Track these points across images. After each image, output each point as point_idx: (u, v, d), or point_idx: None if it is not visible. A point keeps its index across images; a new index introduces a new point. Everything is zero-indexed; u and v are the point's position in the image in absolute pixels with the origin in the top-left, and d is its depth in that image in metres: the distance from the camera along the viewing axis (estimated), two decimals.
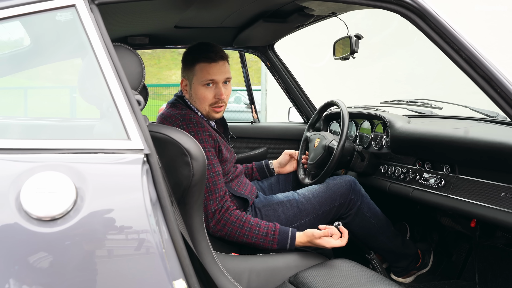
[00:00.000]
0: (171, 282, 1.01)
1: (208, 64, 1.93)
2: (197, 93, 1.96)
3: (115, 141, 1.07)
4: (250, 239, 1.83)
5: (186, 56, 1.99)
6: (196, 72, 1.95)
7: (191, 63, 1.96)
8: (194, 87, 1.96)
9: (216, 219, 1.82)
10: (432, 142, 1.95)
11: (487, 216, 1.69)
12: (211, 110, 1.99)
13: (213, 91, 1.96)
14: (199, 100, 1.97)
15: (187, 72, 1.98)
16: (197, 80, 1.95)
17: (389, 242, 2.22)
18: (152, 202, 1.02)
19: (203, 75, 1.94)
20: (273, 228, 1.83)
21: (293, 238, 1.83)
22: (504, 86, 1.34)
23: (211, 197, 1.81)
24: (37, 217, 0.95)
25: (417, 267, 2.33)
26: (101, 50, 1.11)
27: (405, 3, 1.37)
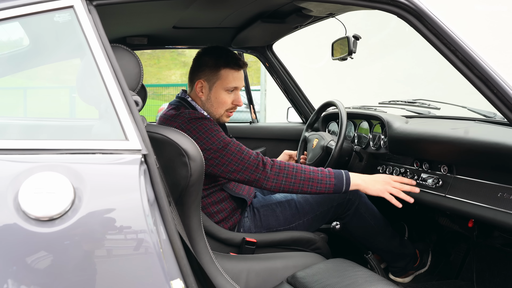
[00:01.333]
0: (168, 282, 1.02)
1: (235, 71, 1.97)
2: (217, 97, 1.98)
3: (113, 141, 1.08)
4: (308, 174, 1.82)
5: (206, 59, 1.98)
6: (221, 77, 1.96)
7: (215, 67, 1.96)
8: (216, 91, 1.97)
9: (267, 167, 1.82)
10: (429, 143, 1.96)
11: (485, 216, 1.69)
12: (224, 115, 2.02)
13: (232, 97, 2.00)
14: (217, 104, 1.99)
15: (208, 75, 1.97)
16: (221, 85, 1.96)
17: (387, 242, 2.23)
18: (149, 202, 1.03)
19: (229, 81, 1.96)
20: (323, 168, 1.87)
21: (347, 174, 1.86)
22: (501, 87, 1.35)
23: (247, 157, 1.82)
24: (35, 217, 0.96)
25: (415, 267, 2.34)
26: (99, 51, 1.12)
27: (401, 4, 1.38)
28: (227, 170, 1.82)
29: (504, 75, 1.38)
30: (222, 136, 1.84)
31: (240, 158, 1.82)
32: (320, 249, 2.03)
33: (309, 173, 1.83)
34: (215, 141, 1.82)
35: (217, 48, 2.01)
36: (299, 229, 2.05)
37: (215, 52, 1.99)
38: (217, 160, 1.82)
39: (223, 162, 1.82)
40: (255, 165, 1.81)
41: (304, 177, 1.82)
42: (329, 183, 1.83)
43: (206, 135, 1.82)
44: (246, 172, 1.81)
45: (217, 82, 1.97)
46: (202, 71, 1.99)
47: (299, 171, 1.83)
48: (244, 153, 1.83)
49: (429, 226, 2.50)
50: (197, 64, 2.01)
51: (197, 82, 2.00)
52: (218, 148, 1.81)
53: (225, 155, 1.81)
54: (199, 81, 1.99)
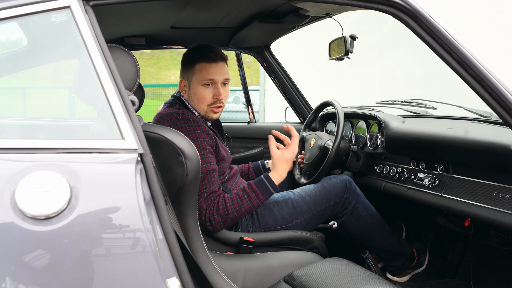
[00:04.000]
0: (164, 280, 1.02)
1: (208, 64, 1.94)
2: (195, 93, 1.97)
3: (109, 141, 1.08)
4: (239, 209, 1.84)
5: (186, 57, 2.00)
6: (195, 72, 1.96)
7: (191, 63, 1.97)
8: (193, 87, 1.97)
9: (207, 215, 1.83)
10: (426, 142, 1.97)
11: (481, 215, 1.70)
12: (209, 111, 2.00)
13: (211, 91, 1.97)
14: (197, 99, 1.98)
15: (186, 72, 1.99)
16: (196, 80, 1.96)
17: (384, 241, 2.23)
18: (145, 201, 1.04)
19: (203, 75, 1.95)
20: (248, 186, 1.87)
21: (268, 179, 1.89)
22: (496, 87, 1.35)
23: (204, 194, 1.83)
24: (32, 216, 0.96)
25: (413, 266, 2.34)
26: (95, 51, 1.13)
27: (397, 4, 1.38)
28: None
29: (501, 75, 1.38)
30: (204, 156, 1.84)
31: (205, 179, 1.82)
32: (318, 249, 2.03)
33: (240, 207, 1.85)
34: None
35: (197, 46, 2.01)
36: (296, 228, 2.06)
37: (193, 50, 2.00)
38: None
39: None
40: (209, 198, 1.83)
41: (238, 214, 1.85)
42: (260, 201, 1.87)
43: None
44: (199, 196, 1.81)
45: (193, 77, 1.97)
46: (183, 70, 2.02)
47: (231, 210, 1.84)
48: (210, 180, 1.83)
49: (426, 225, 2.51)
50: (182, 64, 2.04)
51: (180, 81, 2.03)
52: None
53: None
54: (181, 80, 2.02)
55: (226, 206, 1.83)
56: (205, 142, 1.86)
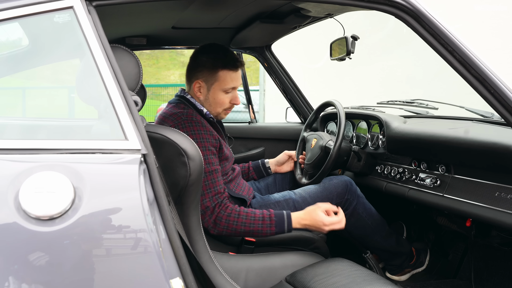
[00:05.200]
0: (168, 280, 1.03)
1: (232, 72, 1.96)
2: (216, 98, 1.98)
3: (112, 141, 1.08)
4: (248, 226, 1.81)
5: (204, 59, 1.96)
6: (218, 79, 1.95)
7: (212, 68, 1.95)
8: (213, 92, 1.97)
9: (213, 216, 1.81)
10: (427, 142, 1.97)
11: (482, 216, 1.70)
12: (222, 113, 2.03)
13: (230, 97, 1.99)
14: (215, 104, 1.99)
15: (206, 76, 1.96)
16: (219, 86, 1.96)
17: (383, 241, 2.24)
18: (149, 202, 1.04)
19: (227, 83, 1.96)
20: (268, 212, 1.84)
21: (289, 218, 1.84)
22: (498, 87, 1.35)
23: (209, 194, 1.81)
24: (35, 217, 0.96)
25: (412, 265, 2.35)
26: (98, 51, 1.13)
27: (399, 4, 1.38)
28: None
29: (502, 75, 1.39)
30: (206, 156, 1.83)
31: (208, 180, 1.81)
32: (319, 249, 2.03)
33: (249, 225, 1.82)
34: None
35: (214, 47, 2.00)
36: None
37: (212, 52, 1.98)
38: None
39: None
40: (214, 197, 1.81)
41: (244, 230, 1.81)
42: (270, 231, 1.83)
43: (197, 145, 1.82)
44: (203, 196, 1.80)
45: (215, 83, 1.96)
46: (200, 71, 1.98)
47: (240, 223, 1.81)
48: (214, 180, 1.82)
49: (427, 225, 2.51)
50: (195, 63, 2.00)
51: (195, 82, 1.99)
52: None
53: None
54: (197, 81, 1.98)
55: (238, 217, 1.81)
56: (208, 142, 1.86)
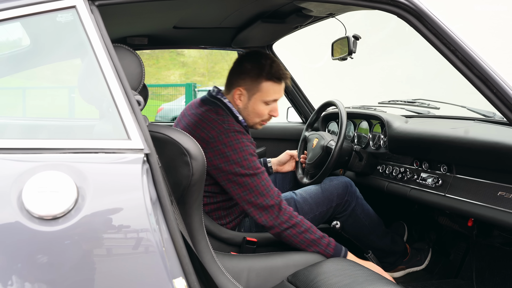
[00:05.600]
0: (171, 280, 1.02)
1: (277, 85, 1.93)
2: (255, 108, 1.95)
3: (115, 141, 1.08)
4: (313, 234, 1.82)
5: (248, 67, 1.93)
6: (261, 90, 1.92)
7: (256, 78, 1.91)
8: (254, 102, 1.94)
9: (280, 212, 1.80)
10: (429, 142, 1.97)
11: (484, 215, 1.70)
12: (258, 124, 2.01)
13: (269, 108, 1.97)
14: (254, 114, 1.96)
15: (249, 85, 1.92)
16: (261, 97, 1.93)
17: (379, 241, 2.26)
18: (152, 201, 1.04)
19: (269, 95, 1.93)
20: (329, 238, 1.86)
21: (345, 254, 1.87)
22: (500, 87, 1.36)
23: (269, 193, 1.80)
24: (38, 216, 0.96)
25: (405, 262, 2.36)
26: (101, 51, 1.13)
27: (402, 4, 1.39)
28: (243, 198, 1.81)
29: (503, 75, 1.39)
30: (254, 162, 1.82)
31: (261, 193, 1.79)
32: None
33: (315, 234, 1.83)
34: (246, 165, 1.79)
35: (260, 56, 1.95)
36: None
37: (257, 61, 1.92)
38: (239, 186, 1.80)
39: (244, 190, 1.80)
40: (271, 207, 1.80)
41: (308, 238, 1.82)
42: (327, 252, 1.84)
43: (240, 155, 1.80)
44: (260, 210, 1.80)
45: (257, 93, 1.93)
46: (242, 79, 1.93)
47: (306, 230, 1.82)
48: (267, 189, 1.80)
49: (429, 225, 2.51)
50: (238, 69, 1.96)
51: (236, 89, 1.94)
52: (246, 174, 1.79)
53: (249, 184, 1.80)
54: (239, 88, 1.94)
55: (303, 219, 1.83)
56: (252, 149, 1.85)
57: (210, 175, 1.87)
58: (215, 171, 1.84)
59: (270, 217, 1.80)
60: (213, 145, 1.81)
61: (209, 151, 1.82)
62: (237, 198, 1.83)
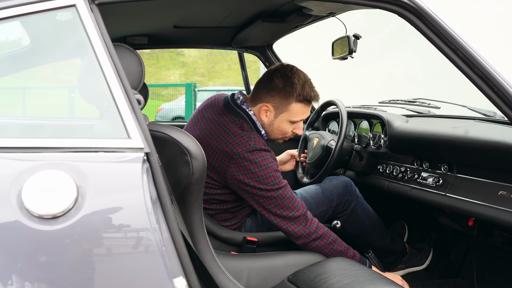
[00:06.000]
0: (171, 279, 1.02)
1: (305, 106, 1.91)
2: (280, 126, 1.93)
3: (115, 139, 1.08)
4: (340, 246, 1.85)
5: (280, 84, 1.88)
6: (290, 109, 1.89)
7: (286, 98, 1.87)
8: (280, 120, 1.92)
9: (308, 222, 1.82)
10: (430, 141, 1.97)
11: (485, 215, 1.70)
12: (280, 139, 2.00)
13: (294, 126, 1.95)
14: (278, 131, 1.95)
15: (278, 103, 1.89)
16: (288, 117, 1.91)
17: (379, 240, 2.27)
18: (152, 201, 1.03)
19: (298, 116, 1.91)
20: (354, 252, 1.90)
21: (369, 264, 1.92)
22: (501, 86, 1.35)
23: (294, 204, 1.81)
24: (38, 215, 0.96)
25: (405, 261, 2.37)
26: (101, 50, 1.12)
27: (403, 3, 1.38)
28: (270, 211, 1.81)
29: (504, 74, 1.39)
30: (279, 178, 1.81)
31: (287, 205, 1.80)
32: None
33: (342, 245, 1.85)
34: (271, 182, 1.79)
35: (292, 73, 1.89)
36: None
37: (289, 80, 1.87)
38: (264, 199, 1.80)
39: (269, 203, 1.80)
40: (298, 218, 1.80)
41: (336, 249, 1.83)
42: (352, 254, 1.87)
43: (265, 173, 1.78)
44: (287, 220, 1.80)
45: (285, 113, 1.90)
46: (272, 96, 1.89)
47: (334, 242, 1.83)
48: (292, 201, 1.81)
49: (430, 225, 2.51)
50: (268, 84, 1.91)
51: (263, 104, 1.91)
52: (271, 189, 1.79)
53: (275, 198, 1.79)
54: (266, 104, 1.90)
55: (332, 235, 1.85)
56: (276, 165, 1.84)
57: (229, 188, 1.87)
58: (239, 184, 1.82)
59: (298, 227, 1.80)
60: (237, 161, 1.79)
61: (233, 165, 1.80)
62: (263, 210, 1.83)
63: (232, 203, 1.95)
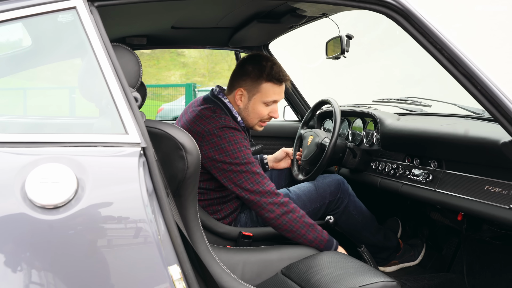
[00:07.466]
0: (166, 267, 1.08)
1: (276, 86, 2.00)
2: (255, 109, 2.02)
3: (113, 135, 1.14)
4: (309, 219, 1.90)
5: (250, 68, 2.00)
6: (261, 90, 1.99)
7: (257, 79, 1.98)
8: (254, 102, 2.01)
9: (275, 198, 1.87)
10: (419, 139, 2.02)
11: (472, 209, 1.75)
12: (257, 125, 2.08)
13: (269, 109, 2.03)
14: (254, 114, 2.03)
15: (249, 86, 2.00)
16: (261, 98, 2.00)
17: (372, 236, 2.32)
18: (148, 193, 1.09)
19: (269, 95, 2.00)
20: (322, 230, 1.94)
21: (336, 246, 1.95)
22: (485, 84, 1.40)
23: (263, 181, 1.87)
24: (41, 205, 1.02)
25: (398, 257, 2.42)
26: (100, 50, 1.18)
27: (390, 4, 1.43)
28: (240, 187, 1.87)
29: (488, 72, 1.43)
30: (248, 154, 1.89)
31: (256, 180, 1.87)
32: None
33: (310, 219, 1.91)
34: (240, 156, 1.87)
35: (261, 58, 2.02)
36: None
37: (259, 63, 2.00)
38: (234, 174, 1.87)
39: (240, 178, 1.87)
40: (268, 192, 1.87)
41: (307, 222, 1.88)
42: (323, 237, 1.91)
43: (234, 147, 1.87)
44: (258, 195, 1.86)
45: (257, 94, 2.00)
46: (243, 80, 2.01)
47: (304, 215, 1.89)
48: (262, 177, 1.88)
49: (422, 220, 2.56)
50: (240, 71, 2.03)
51: (237, 89, 2.02)
52: (240, 163, 1.87)
53: (244, 172, 1.87)
54: (239, 89, 2.01)
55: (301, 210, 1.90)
56: (246, 143, 1.92)
57: (206, 170, 1.93)
58: (211, 162, 1.90)
59: (269, 199, 1.86)
60: (208, 138, 1.88)
61: (205, 144, 1.89)
62: (234, 187, 1.89)
63: (217, 192, 2.01)
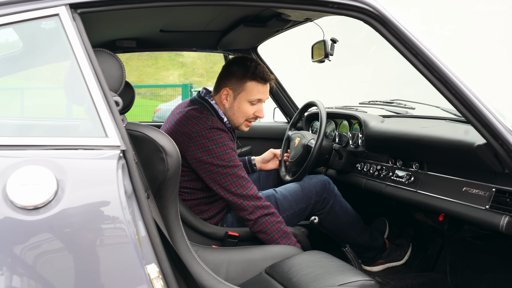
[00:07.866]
0: (143, 266, 1.11)
1: (261, 85, 2.06)
2: (240, 107, 2.07)
3: (94, 138, 1.17)
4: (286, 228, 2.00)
5: (235, 68, 2.06)
6: (246, 89, 2.05)
7: (242, 78, 2.04)
8: (239, 101, 2.06)
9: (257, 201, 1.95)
10: (401, 141, 2.06)
11: (452, 210, 1.79)
12: (243, 124, 2.12)
13: (254, 108, 2.09)
14: (239, 113, 2.08)
15: (234, 85, 2.06)
16: (246, 97, 2.05)
17: (357, 236, 2.37)
18: (127, 194, 1.13)
19: (253, 94, 2.05)
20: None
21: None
22: (458, 88, 1.44)
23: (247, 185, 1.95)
24: (21, 206, 1.05)
25: (384, 256, 2.45)
26: (82, 56, 1.22)
27: (367, 11, 1.47)
28: (226, 189, 1.94)
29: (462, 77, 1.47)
30: (234, 157, 1.95)
31: (241, 184, 1.94)
32: (300, 243, 2.12)
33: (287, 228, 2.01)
34: (226, 158, 1.93)
35: (246, 59, 2.08)
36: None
37: (244, 63, 2.06)
38: (220, 176, 1.93)
39: (225, 181, 1.93)
40: (251, 196, 1.94)
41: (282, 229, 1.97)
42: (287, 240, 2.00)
43: (221, 149, 1.93)
44: (242, 198, 1.93)
45: (242, 93, 2.05)
46: (229, 80, 2.07)
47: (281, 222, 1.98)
48: (246, 180, 1.95)
49: (407, 221, 2.60)
50: (226, 72, 2.09)
51: (223, 89, 2.08)
52: (227, 165, 1.93)
53: (230, 175, 1.93)
54: (225, 89, 2.07)
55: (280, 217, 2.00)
56: (232, 145, 1.98)
57: (192, 169, 1.98)
58: (198, 163, 1.95)
59: (251, 202, 1.93)
60: (196, 139, 1.93)
61: (192, 144, 1.93)
62: (219, 188, 1.95)
63: (204, 192, 2.05)
